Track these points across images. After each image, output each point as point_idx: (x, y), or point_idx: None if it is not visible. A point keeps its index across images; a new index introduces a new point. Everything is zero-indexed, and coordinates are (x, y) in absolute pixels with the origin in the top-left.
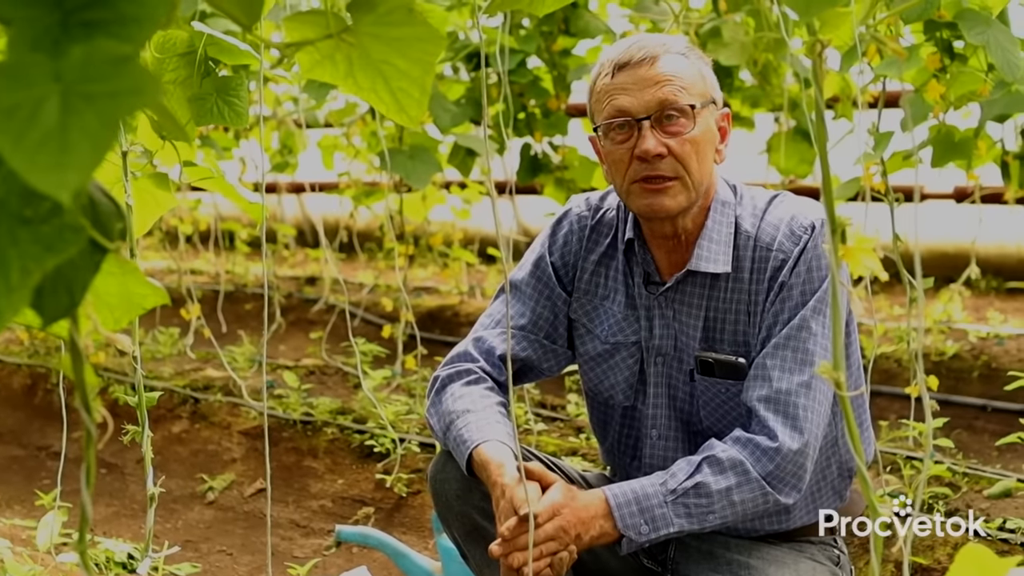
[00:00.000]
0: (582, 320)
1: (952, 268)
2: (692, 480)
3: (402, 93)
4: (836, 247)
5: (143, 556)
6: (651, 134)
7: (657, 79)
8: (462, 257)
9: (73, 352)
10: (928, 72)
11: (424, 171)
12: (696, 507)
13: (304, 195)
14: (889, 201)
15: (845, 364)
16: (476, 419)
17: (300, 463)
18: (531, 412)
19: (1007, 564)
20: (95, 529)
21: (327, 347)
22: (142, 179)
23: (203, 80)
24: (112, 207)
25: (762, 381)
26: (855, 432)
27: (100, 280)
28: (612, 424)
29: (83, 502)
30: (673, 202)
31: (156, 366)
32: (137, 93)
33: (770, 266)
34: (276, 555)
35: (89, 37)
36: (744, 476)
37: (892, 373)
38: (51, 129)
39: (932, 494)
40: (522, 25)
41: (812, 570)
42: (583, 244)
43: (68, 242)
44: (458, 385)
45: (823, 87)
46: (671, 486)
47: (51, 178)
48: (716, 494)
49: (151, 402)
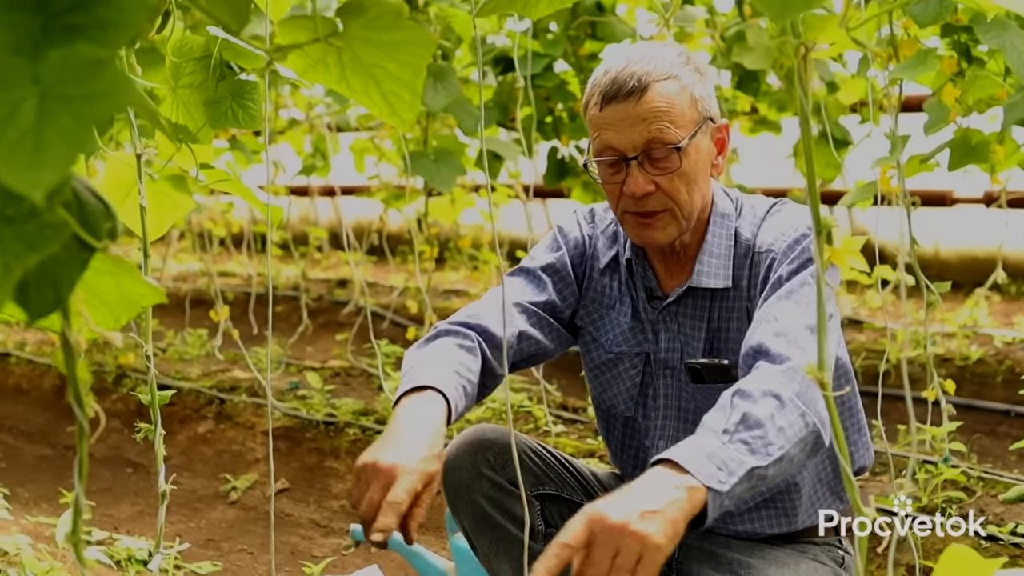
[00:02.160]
0: (588, 328)
1: (981, 273)
2: (736, 414)
3: (393, 96)
4: (821, 248)
5: (154, 553)
6: (639, 172)
7: (644, 116)
8: (491, 260)
9: (65, 348)
10: (945, 76)
11: (448, 174)
12: (753, 439)
13: (337, 198)
14: (905, 205)
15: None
16: (441, 371)
17: (322, 463)
18: (552, 414)
19: (992, 565)
20: (119, 527)
21: (354, 349)
22: (160, 181)
23: (218, 84)
24: (100, 207)
25: (767, 323)
26: (837, 424)
27: (98, 279)
28: (614, 433)
29: (76, 495)
30: (663, 234)
31: (184, 367)
32: (111, 95)
33: (763, 267)
34: (296, 554)
35: (68, 41)
36: (778, 400)
37: (916, 378)
38: (27, 130)
39: (946, 498)
40: (549, 29)
41: (814, 570)
42: (591, 252)
43: (49, 239)
44: (449, 340)
45: (808, 90)
46: (720, 428)
47: (25, 177)
48: (765, 420)
49: (164, 400)
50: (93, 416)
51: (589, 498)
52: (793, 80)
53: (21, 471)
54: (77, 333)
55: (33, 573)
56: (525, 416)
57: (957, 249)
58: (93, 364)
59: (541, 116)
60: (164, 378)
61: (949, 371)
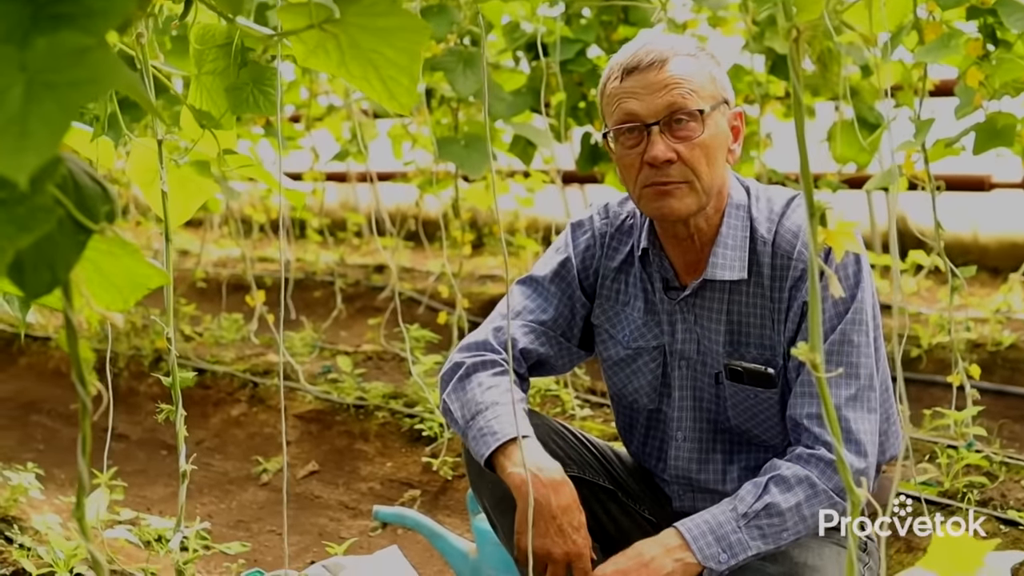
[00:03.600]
0: (604, 326)
1: (1021, 258)
2: (761, 502)
3: (392, 81)
4: (815, 230)
5: (175, 532)
6: (660, 139)
7: (666, 83)
8: (526, 245)
9: (68, 327)
10: (971, 59)
11: (479, 160)
12: (769, 527)
13: (375, 184)
14: (930, 189)
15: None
16: (506, 411)
17: (351, 446)
18: (579, 398)
19: (984, 548)
20: (151, 508)
21: (387, 333)
22: (184, 166)
23: (240, 70)
24: (98, 190)
25: (810, 398)
26: (832, 415)
27: (106, 261)
28: (638, 427)
29: (80, 471)
30: (682, 204)
31: (219, 351)
32: (95, 82)
33: (791, 276)
34: (324, 535)
35: (56, 29)
36: (812, 490)
37: (947, 363)
38: (13, 115)
39: (968, 483)
40: (581, 15)
41: (836, 555)
42: (603, 251)
43: (40, 221)
44: (486, 375)
45: (800, 73)
46: (742, 510)
47: (11, 161)
48: (787, 512)
49: (188, 383)
50: (95, 394)
51: (611, 480)
52: (827, 64)
53: (58, 452)
54: (78, 312)
55: (61, 551)
56: (552, 400)
57: (996, 234)
58: (131, 348)
59: (574, 102)
60: (199, 362)
61: (980, 356)
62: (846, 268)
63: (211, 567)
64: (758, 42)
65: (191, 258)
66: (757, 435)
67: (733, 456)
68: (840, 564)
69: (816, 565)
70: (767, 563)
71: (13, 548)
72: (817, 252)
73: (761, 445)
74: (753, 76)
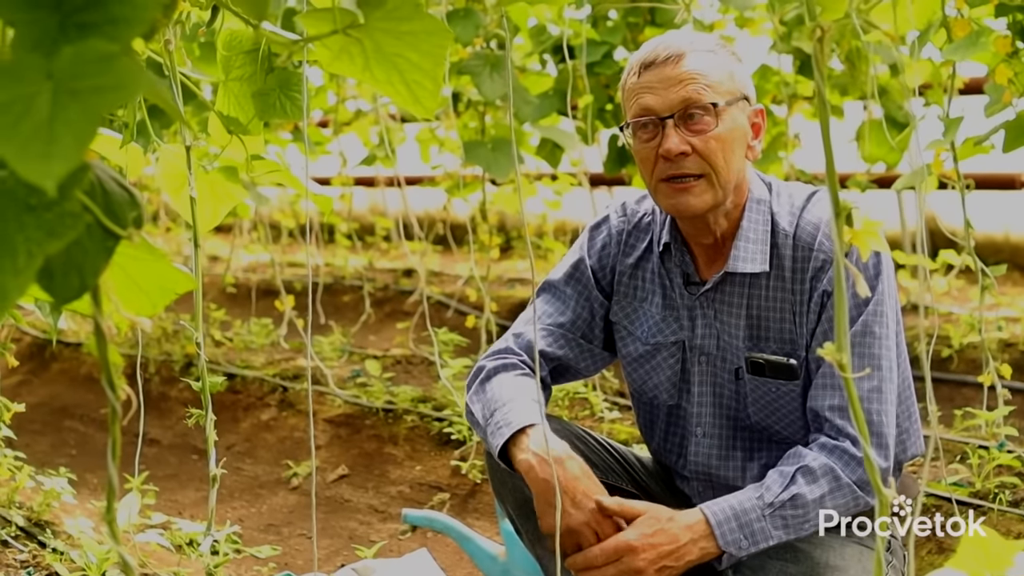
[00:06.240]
0: (623, 323)
1: None
2: (788, 492)
3: (416, 85)
4: (840, 230)
5: (205, 535)
6: (674, 132)
7: (681, 78)
8: (554, 248)
9: (97, 332)
10: (1000, 56)
11: (506, 163)
12: (793, 518)
13: (403, 188)
14: (960, 188)
15: (895, 354)
16: (521, 405)
17: (381, 450)
18: (607, 400)
19: (1014, 548)
20: (182, 512)
21: (416, 337)
22: (213, 172)
23: (267, 76)
24: (126, 196)
25: (831, 390)
26: (860, 415)
27: (134, 267)
28: (658, 423)
29: (109, 475)
30: (698, 200)
31: (249, 356)
32: (120, 89)
33: (811, 267)
34: (354, 539)
35: (82, 37)
36: (836, 483)
37: (978, 363)
38: (41, 123)
39: (999, 483)
40: (608, 17)
41: (859, 554)
42: (620, 249)
43: (68, 227)
44: (508, 376)
45: (824, 72)
46: (768, 499)
47: (38, 168)
48: (812, 503)
49: (217, 387)
50: (125, 399)
51: (634, 484)
52: (856, 63)
53: (91, 457)
54: (107, 317)
55: (94, 555)
56: (581, 402)
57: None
58: (162, 353)
59: (601, 104)
60: (229, 366)
61: (1012, 356)
62: (866, 262)
63: (242, 571)
64: (785, 42)
65: (221, 263)
66: (778, 431)
67: (753, 453)
68: (863, 563)
69: (838, 565)
70: (788, 563)
71: (46, 552)
72: (843, 251)
73: (782, 442)
74: (781, 76)
